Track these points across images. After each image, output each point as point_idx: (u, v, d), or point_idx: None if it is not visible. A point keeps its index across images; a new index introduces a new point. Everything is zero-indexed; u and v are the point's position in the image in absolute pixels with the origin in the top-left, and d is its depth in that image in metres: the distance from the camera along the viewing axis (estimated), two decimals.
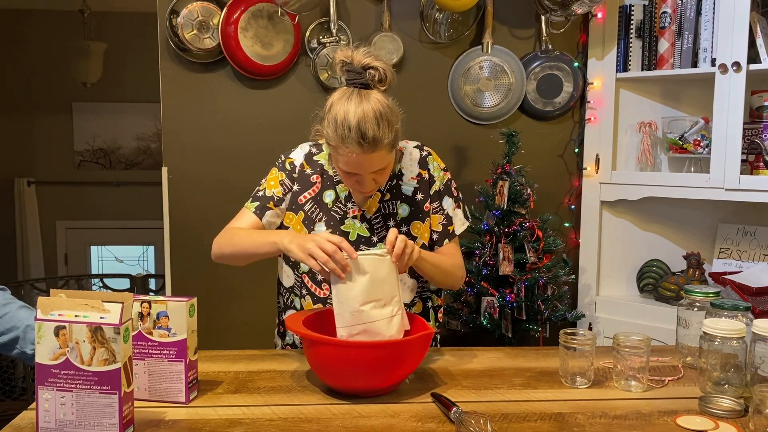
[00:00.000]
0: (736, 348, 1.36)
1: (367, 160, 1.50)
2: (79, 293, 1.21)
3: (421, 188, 1.70)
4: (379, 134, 1.47)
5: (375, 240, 1.67)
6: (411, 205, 1.69)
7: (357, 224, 1.67)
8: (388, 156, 1.54)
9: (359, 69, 1.50)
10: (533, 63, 2.61)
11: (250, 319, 2.53)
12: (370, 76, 1.50)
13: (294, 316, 1.48)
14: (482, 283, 2.36)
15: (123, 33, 5.18)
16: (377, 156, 1.50)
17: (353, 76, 1.51)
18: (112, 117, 5.37)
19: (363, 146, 1.46)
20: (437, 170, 1.73)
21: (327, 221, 1.67)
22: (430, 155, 1.73)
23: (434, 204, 1.72)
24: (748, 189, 2.20)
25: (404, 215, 1.68)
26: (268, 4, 2.46)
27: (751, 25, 2.18)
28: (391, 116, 1.50)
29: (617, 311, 2.54)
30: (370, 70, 1.50)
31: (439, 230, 1.73)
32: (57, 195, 5.39)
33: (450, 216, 1.73)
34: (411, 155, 1.72)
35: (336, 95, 1.52)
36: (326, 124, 1.52)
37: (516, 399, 1.38)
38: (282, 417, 1.28)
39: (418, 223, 1.69)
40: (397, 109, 1.53)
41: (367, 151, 1.47)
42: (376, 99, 1.49)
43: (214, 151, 2.57)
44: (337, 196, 1.68)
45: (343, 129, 1.47)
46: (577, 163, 2.68)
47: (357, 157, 1.49)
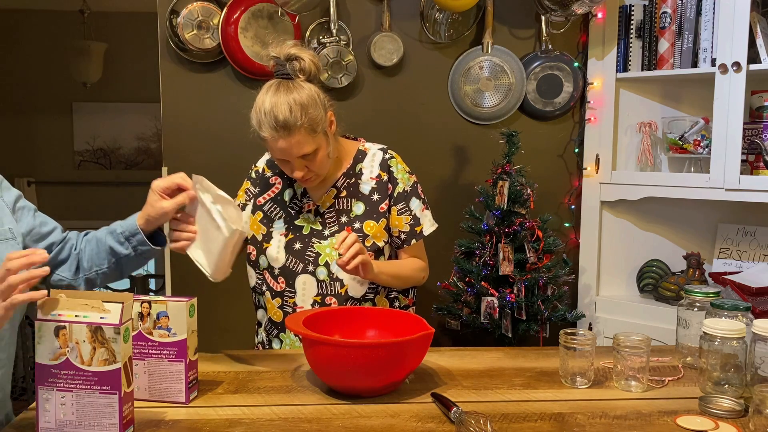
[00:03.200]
0: (736, 348, 1.36)
1: (286, 145, 1.58)
2: (80, 293, 1.21)
3: (379, 189, 1.75)
4: (291, 118, 1.55)
5: (326, 233, 1.74)
6: (366, 204, 1.75)
7: (311, 218, 1.75)
8: (311, 141, 1.60)
9: (283, 60, 1.60)
10: (533, 63, 2.61)
11: (249, 319, 2.53)
12: (292, 67, 1.59)
13: (294, 316, 1.48)
14: (482, 283, 2.36)
15: (123, 33, 5.18)
16: (296, 140, 1.57)
17: (278, 68, 1.61)
18: (112, 117, 5.37)
19: (277, 130, 1.56)
20: (401, 172, 1.78)
21: (285, 218, 1.76)
22: (393, 158, 1.79)
23: (399, 205, 1.76)
24: (748, 189, 2.20)
25: (358, 213, 1.75)
26: (268, 4, 2.46)
27: (751, 25, 2.18)
28: (308, 101, 1.58)
29: (617, 311, 2.54)
30: (293, 62, 1.59)
31: (406, 230, 1.78)
32: (57, 195, 5.39)
33: (418, 217, 1.79)
34: (374, 156, 1.79)
35: (263, 88, 1.62)
36: (251, 115, 1.62)
37: (516, 399, 1.38)
38: (282, 417, 1.28)
39: (372, 222, 1.74)
40: (321, 97, 1.62)
41: (282, 135, 1.56)
42: (295, 86, 1.58)
43: (214, 151, 2.57)
44: (294, 193, 1.78)
45: (258, 114, 1.58)
46: (577, 163, 2.68)
47: (276, 142, 1.58)
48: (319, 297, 1.72)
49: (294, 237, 1.74)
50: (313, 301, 1.73)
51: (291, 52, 1.60)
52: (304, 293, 1.73)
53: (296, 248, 1.73)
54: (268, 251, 1.75)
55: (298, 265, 1.73)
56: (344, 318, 1.57)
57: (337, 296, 1.72)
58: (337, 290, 1.72)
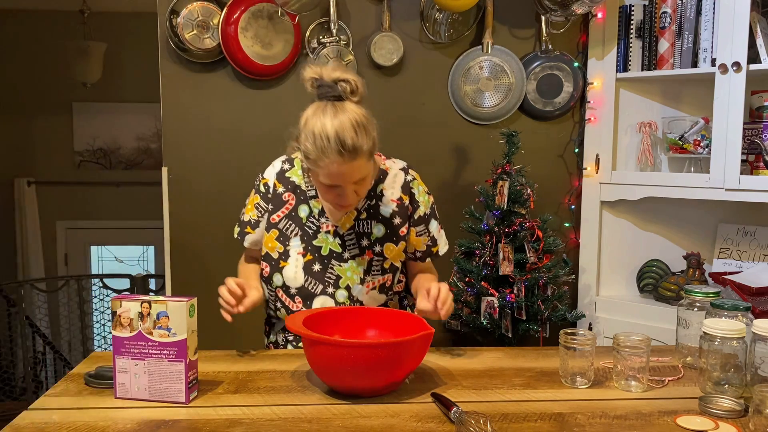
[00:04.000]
0: (736, 348, 1.36)
1: (348, 170, 1.50)
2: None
3: (400, 212, 1.71)
4: (359, 142, 1.47)
5: (346, 256, 1.69)
6: (387, 226, 1.70)
7: (330, 239, 1.69)
8: (368, 164, 1.55)
9: (330, 83, 1.51)
10: (533, 63, 2.61)
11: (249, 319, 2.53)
12: (342, 89, 1.51)
13: (294, 316, 1.48)
14: (482, 283, 2.36)
15: (123, 33, 5.19)
16: (357, 165, 1.50)
17: (325, 90, 1.51)
18: (112, 117, 5.38)
19: (344, 155, 1.47)
20: (422, 195, 1.74)
21: (301, 236, 1.70)
22: (415, 180, 1.75)
23: (419, 227, 1.74)
24: (748, 189, 2.20)
25: (379, 235, 1.70)
26: (268, 4, 2.46)
27: (751, 25, 2.18)
28: (368, 124, 1.51)
29: (617, 311, 2.54)
30: (341, 83, 1.51)
31: (423, 249, 1.77)
32: (57, 195, 5.39)
33: (435, 238, 1.78)
34: (395, 177, 1.73)
35: (310, 110, 1.52)
36: (303, 139, 1.51)
37: (516, 399, 1.38)
38: (282, 417, 1.28)
39: (392, 246, 1.71)
40: (372, 118, 1.54)
41: (348, 160, 1.48)
42: (351, 109, 1.50)
43: (214, 151, 2.58)
44: (311, 211, 1.71)
45: (322, 140, 1.46)
46: (577, 163, 2.68)
47: (338, 167, 1.49)
48: None
49: (313, 258, 1.69)
50: None
51: (337, 75, 1.52)
52: None
53: (315, 270, 1.69)
54: (285, 270, 1.70)
55: (317, 286, 1.69)
56: (344, 318, 1.57)
57: None
58: None
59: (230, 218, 2.59)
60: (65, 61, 5.04)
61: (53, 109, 5.32)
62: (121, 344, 1.36)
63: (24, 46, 5.21)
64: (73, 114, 5.37)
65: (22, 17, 5.16)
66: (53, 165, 5.38)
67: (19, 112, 5.28)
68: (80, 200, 5.43)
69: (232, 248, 2.60)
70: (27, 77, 5.23)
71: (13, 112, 5.28)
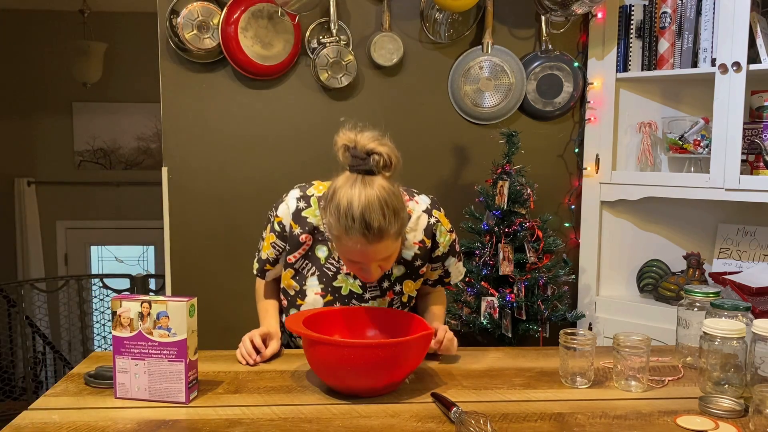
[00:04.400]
0: (736, 348, 1.36)
1: (372, 251, 1.43)
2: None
3: (422, 255, 1.66)
4: (385, 224, 1.39)
5: (367, 297, 1.67)
6: (407, 267, 1.67)
7: (350, 280, 1.65)
8: (394, 244, 1.47)
9: (363, 154, 1.42)
10: (533, 63, 2.61)
11: (250, 319, 2.53)
12: (375, 162, 1.41)
13: (294, 316, 1.48)
14: (482, 283, 2.36)
15: (123, 33, 5.19)
16: (383, 246, 1.43)
17: (357, 162, 1.42)
18: (112, 117, 5.38)
19: (368, 237, 1.39)
20: (443, 236, 1.68)
21: (319, 276, 1.65)
22: (439, 222, 1.67)
23: (435, 264, 1.72)
24: (748, 189, 2.20)
25: (398, 275, 1.67)
26: (268, 4, 2.46)
27: (751, 25, 2.18)
28: (397, 204, 1.42)
29: (617, 311, 2.54)
30: (374, 156, 1.41)
31: (435, 279, 1.76)
32: (57, 195, 5.39)
33: (449, 271, 1.75)
34: (419, 220, 1.65)
35: (339, 181, 1.43)
36: (329, 213, 1.43)
37: (516, 399, 1.38)
38: (282, 417, 1.28)
39: (410, 282, 1.69)
40: (401, 196, 1.46)
41: (372, 242, 1.41)
42: (380, 186, 1.41)
43: (214, 151, 2.58)
44: (329, 252, 1.64)
45: (346, 219, 1.39)
46: (577, 163, 2.68)
47: (362, 248, 1.42)
48: None
49: (333, 299, 1.66)
50: None
51: (371, 146, 1.42)
52: None
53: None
54: (302, 309, 1.68)
55: None
56: (344, 318, 1.58)
57: None
58: None
59: (230, 218, 2.60)
60: (65, 61, 5.05)
61: (53, 109, 5.32)
62: (121, 344, 1.36)
63: (24, 46, 5.21)
64: (73, 114, 5.36)
65: (22, 17, 5.16)
66: (53, 165, 5.37)
67: (19, 112, 5.28)
68: (80, 200, 5.43)
69: (232, 248, 2.61)
70: (27, 77, 5.23)
71: (13, 112, 5.28)
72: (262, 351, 1.60)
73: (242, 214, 2.59)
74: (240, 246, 2.59)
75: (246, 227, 2.58)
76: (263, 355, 1.60)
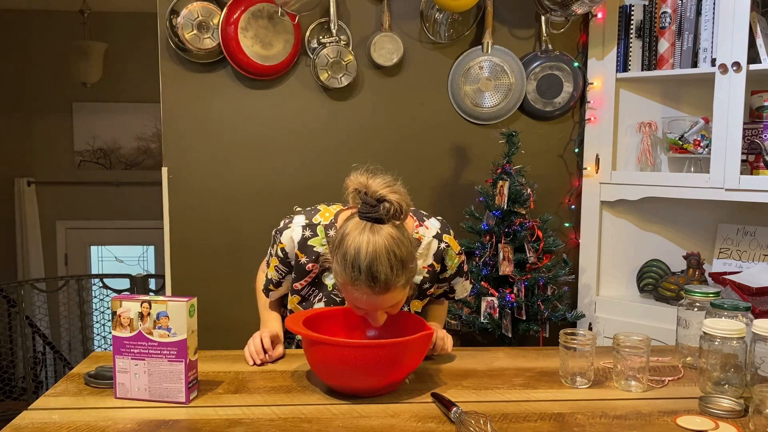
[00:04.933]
0: (736, 348, 1.36)
1: (379, 301, 1.40)
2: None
3: (431, 278, 1.66)
4: (392, 276, 1.36)
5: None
6: (416, 290, 1.67)
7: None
8: (402, 293, 1.44)
9: (373, 201, 1.39)
10: (533, 63, 2.61)
11: (250, 319, 2.53)
12: (385, 210, 1.38)
13: (294, 317, 1.48)
14: (482, 283, 2.36)
15: (123, 33, 5.19)
16: (390, 296, 1.40)
17: (367, 209, 1.39)
18: (112, 117, 5.37)
19: (374, 289, 1.37)
20: (451, 259, 1.67)
21: (327, 303, 1.65)
22: (449, 247, 1.65)
23: (442, 284, 1.72)
24: (748, 189, 2.20)
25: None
26: (268, 4, 2.45)
27: (751, 25, 2.18)
28: (405, 255, 1.39)
29: (617, 311, 2.54)
30: (384, 203, 1.38)
31: (440, 293, 1.76)
32: (57, 195, 5.39)
33: (454, 289, 1.74)
34: (429, 246, 1.63)
35: (349, 227, 1.40)
36: (336, 260, 1.41)
37: (516, 399, 1.38)
38: (282, 417, 1.28)
39: (416, 302, 1.70)
40: (412, 245, 1.43)
41: (378, 294, 1.38)
42: (389, 235, 1.37)
43: (214, 151, 2.58)
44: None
45: (353, 270, 1.36)
46: (577, 163, 2.68)
47: (367, 298, 1.39)
48: None
49: None
50: None
51: (382, 192, 1.39)
52: None
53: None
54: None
55: None
56: (344, 318, 1.57)
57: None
58: None
59: (230, 218, 2.60)
60: (65, 61, 5.04)
61: (53, 109, 5.32)
62: (121, 344, 1.36)
63: (24, 46, 5.21)
64: (73, 114, 5.36)
65: (22, 17, 5.16)
66: (53, 165, 5.37)
67: (19, 112, 5.28)
68: (80, 200, 5.43)
69: (232, 248, 2.61)
70: (27, 77, 5.23)
71: (13, 112, 5.27)
72: (270, 351, 1.60)
73: (242, 213, 2.59)
74: (240, 246, 2.59)
75: (246, 227, 2.58)
76: (270, 355, 1.60)
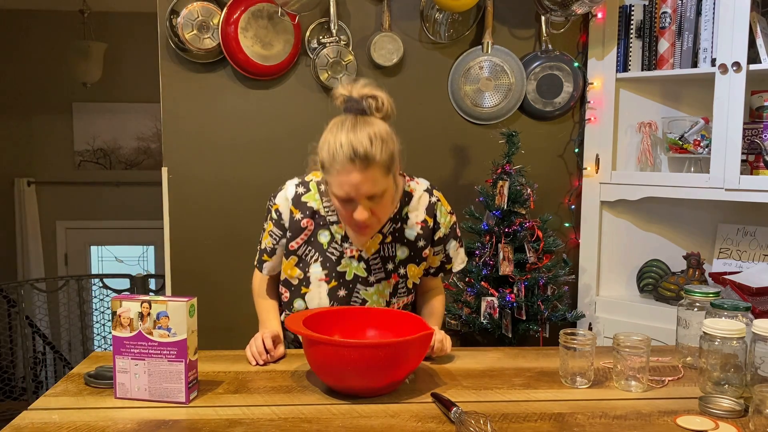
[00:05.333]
0: (736, 348, 1.36)
1: (360, 180, 1.45)
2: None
3: (424, 235, 1.69)
4: (372, 151, 1.44)
5: (372, 280, 1.68)
6: (411, 249, 1.69)
7: (354, 264, 1.67)
8: (383, 180, 1.49)
9: (357, 98, 1.51)
10: (533, 63, 2.61)
11: (250, 319, 2.53)
12: (368, 105, 1.50)
13: (294, 316, 1.48)
14: (482, 283, 2.36)
15: (123, 33, 5.19)
16: (370, 176, 1.46)
17: (351, 104, 1.51)
18: (112, 117, 5.37)
19: (355, 162, 1.44)
20: (444, 216, 1.71)
21: (323, 262, 1.67)
22: (439, 201, 1.71)
23: (437, 248, 1.73)
24: (748, 189, 2.20)
25: (402, 257, 1.69)
26: (268, 4, 2.46)
27: (751, 25, 2.18)
28: (387, 139, 1.48)
29: (617, 311, 2.54)
30: (368, 99, 1.51)
31: (437, 266, 1.77)
32: (57, 195, 5.39)
33: (451, 256, 1.76)
34: (420, 199, 1.69)
35: (332, 122, 1.52)
36: (319, 148, 1.51)
37: (516, 399, 1.38)
38: (282, 417, 1.28)
39: (413, 266, 1.71)
40: (395, 138, 1.52)
41: (359, 169, 1.44)
42: (371, 123, 1.48)
43: (214, 151, 2.58)
44: (332, 236, 1.66)
45: (335, 146, 1.45)
46: (577, 163, 2.69)
47: (348, 176, 1.45)
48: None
49: (337, 284, 1.67)
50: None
51: (365, 91, 1.52)
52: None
53: (341, 295, 1.67)
54: (307, 297, 1.68)
55: None
56: (344, 318, 1.57)
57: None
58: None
59: (230, 218, 2.60)
60: (65, 61, 5.04)
61: (53, 109, 5.32)
62: (121, 344, 1.36)
63: (24, 46, 5.21)
64: (73, 114, 5.36)
65: (22, 17, 5.16)
66: (53, 165, 5.37)
67: (19, 112, 5.28)
68: (80, 200, 5.43)
69: (231, 248, 2.61)
70: (27, 77, 5.23)
71: (13, 112, 5.27)
72: (272, 352, 1.61)
73: (242, 214, 2.59)
74: (240, 246, 2.59)
75: (246, 227, 2.58)
76: (272, 355, 1.61)
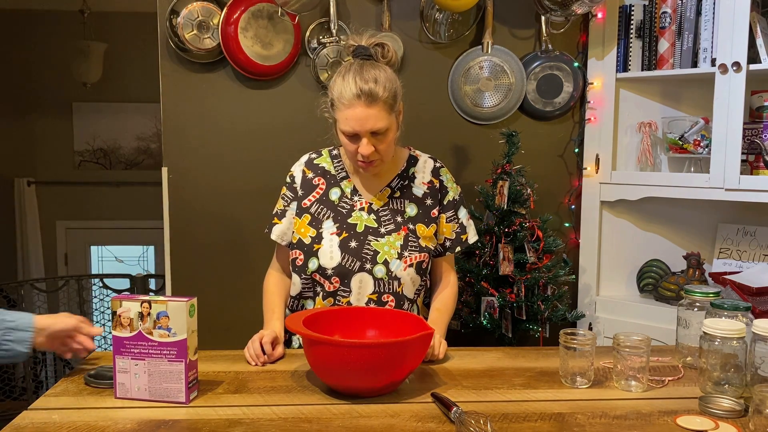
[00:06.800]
0: (736, 348, 1.36)
1: (365, 116, 1.58)
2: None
3: (431, 194, 1.78)
4: (376, 89, 1.58)
5: (382, 231, 1.72)
6: (419, 207, 1.76)
7: (364, 216, 1.74)
8: (387, 117, 1.61)
9: (365, 46, 1.67)
10: (533, 63, 2.61)
11: (250, 319, 2.53)
12: (375, 51, 1.66)
13: (294, 316, 1.48)
14: (482, 283, 2.36)
15: (123, 33, 5.18)
16: (375, 112, 1.59)
17: (359, 51, 1.67)
18: (112, 117, 5.37)
19: (360, 98, 1.57)
20: (450, 182, 1.83)
21: (334, 217, 1.74)
22: (443, 167, 1.84)
23: (449, 213, 1.80)
24: (748, 189, 2.20)
25: (411, 215, 1.76)
26: (268, 4, 2.45)
27: (751, 25, 2.18)
28: (391, 79, 1.63)
29: (617, 311, 2.54)
30: (375, 47, 1.67)
31: (452, 237, 1.81)
32: (57, 195, 5.39)
33: (464, 225, 1.83)
34: (425, 163, 1.83)
35: (342, 65, 1.67)
36: (330, 88, 1.66)
37: (516, 399, 1.38)
38: (282, 417, 1.28)
39: (423, 227, 1.75)
40: (398, 81, 1.66)
41: (364, 103, 1.58)
42: (377, 66, 1.63)
43: (214, 150, 2.57)
44: (342, 192, 1.77)
45: (342, 84, 1.60)
46: (577, 163, 2.68)
47: (354, 111, 1.58)
48: (375, 295, 1.71)
49: (348, 235, 1.72)
50: (368, 299, 1.71)
51: (372, 40, 1.68)
52: (360, 291, 1.71)
53: (352, 246, 1.71)
54: (320, 252, 1.71)
55: (355, 263, 1.70)
56: (344, 318, 1.58)
57: (395, 294, 1.72)
58: (395, 288, 1.72)
59: (230, 218, 2.60)
60: (65, 61, 5.04)
61: (53, 109, 5.31)
62: (121, 344, 1.36)
63: (24, 46, 5.21)
64: (73, 114, 5.36)
65: (22, 17, 5.16)
66: (53, 165, 5.37)
67: (19, 112, 5.28)
68: (80, 200, 5.43)
69: (232, 248, 2.61)
70: (27, 77, 5.23)
71: (13, 112, 5.27)
72: (270, 353, 1.62)
73: (242, 214, 2.59)
74: (240, 246, 2.59)
75: (246, 227, 2.58)
76: (270, 355, 1.62)
